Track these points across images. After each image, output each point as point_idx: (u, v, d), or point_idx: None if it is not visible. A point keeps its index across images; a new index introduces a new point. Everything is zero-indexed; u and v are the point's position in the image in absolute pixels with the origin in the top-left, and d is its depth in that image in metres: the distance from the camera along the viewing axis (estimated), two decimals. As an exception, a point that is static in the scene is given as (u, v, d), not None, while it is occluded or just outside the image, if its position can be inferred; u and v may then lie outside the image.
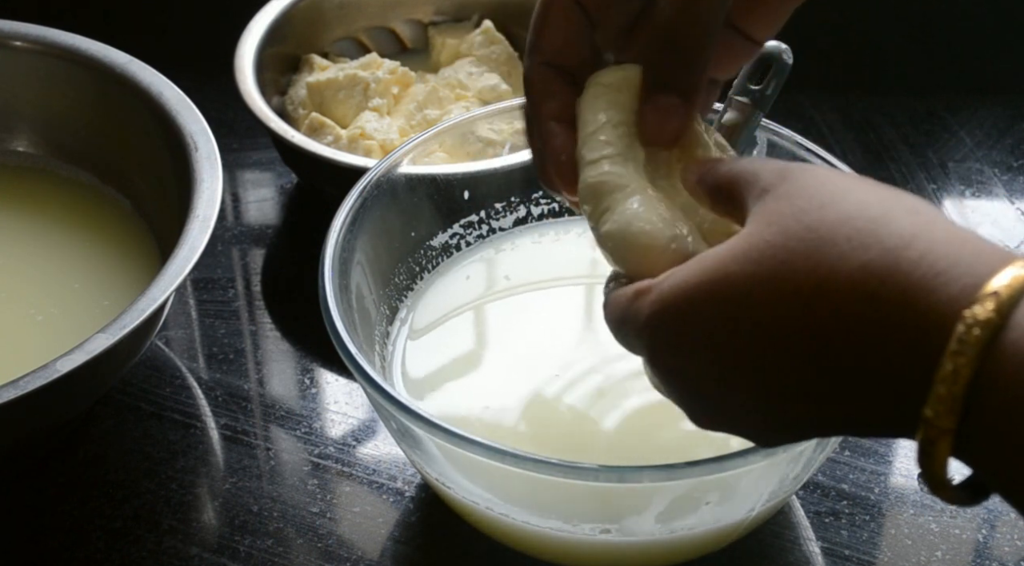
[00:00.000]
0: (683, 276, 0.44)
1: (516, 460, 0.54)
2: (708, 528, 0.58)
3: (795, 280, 0.41)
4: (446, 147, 0.74)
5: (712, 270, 0.43)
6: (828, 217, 0.42)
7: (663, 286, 0.45)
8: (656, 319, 0.45)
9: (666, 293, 0.45)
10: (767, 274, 0.42)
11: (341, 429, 0.73)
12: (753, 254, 0.42)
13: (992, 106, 0.96)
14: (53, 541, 0.68)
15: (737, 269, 0.43)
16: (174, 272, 0.65)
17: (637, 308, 0.46)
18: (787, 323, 0.41)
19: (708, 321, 0.43)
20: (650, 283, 0.46)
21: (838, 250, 0.41)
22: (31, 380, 0.59)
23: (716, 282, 0.43)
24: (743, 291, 0.42)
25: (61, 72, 0.80)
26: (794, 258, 0.42)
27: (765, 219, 0.44)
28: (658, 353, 0.46)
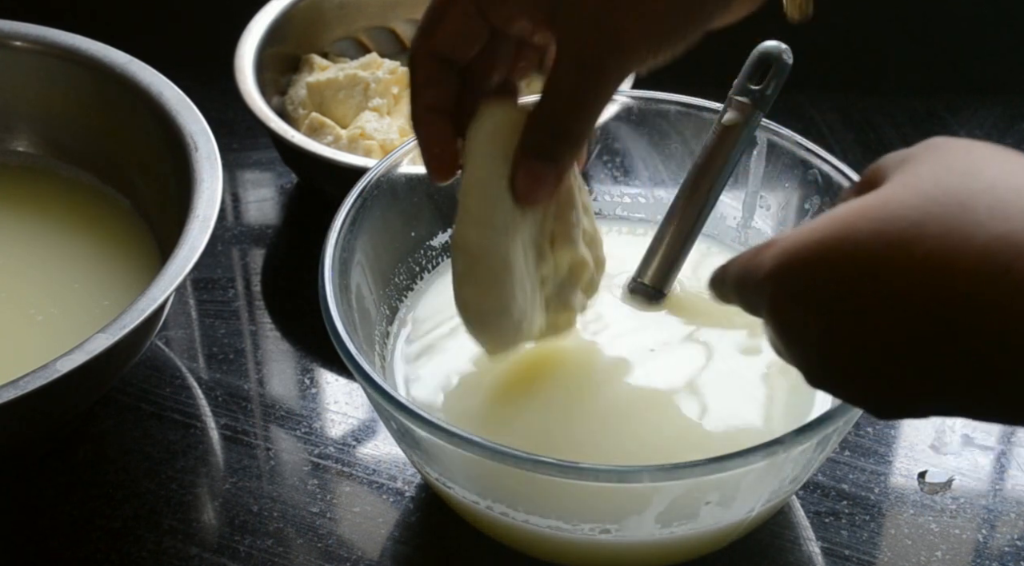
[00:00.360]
0: (810, 228, 0.43)
1: (516, 460, 0.54)
2: (708, 528, 0.58)
3: (925, 244, 0.40)
4: (446, 147, 0.74)
5: (840, 225, 0.42)
6: (969, 184, 0.40)
7: (788, 239, 0.44)
8: (779, 270, 0.43)
9: (790, 246, 0.43)
10: (896, 234, 0.40)
11: (341, 429, 0.73)
12: (884, 212, 0.41)
13: (992, 106, 0.96)
14: (53, 541, 0.68)
15: (864, 225, 0.41)
16: (174, 272, 0.65)
17: (760, 261, 0.45)
18: (913, 289, 0.40)
19: (830, 277, 0.42)
20: (775, 237, 0.45)
21: (975, 217, 0.39)
22: (31, 380, 0.59)
23: (842, 238, 0.41)
24: (869, 249, 0.41)
25: (61, 72, 0.80)
26: (927, 221, 0.40)
27: (902, 180, 0.42)
28: (779, 308, 0.44)
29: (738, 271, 0.47)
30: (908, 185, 0.42)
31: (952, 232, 0.39)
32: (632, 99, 0.73)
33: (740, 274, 0.47)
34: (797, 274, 0.43)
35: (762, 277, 0.44)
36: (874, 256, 0.40)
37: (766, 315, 0.45)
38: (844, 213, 0.42)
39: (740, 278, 0.47)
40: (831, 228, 0.42)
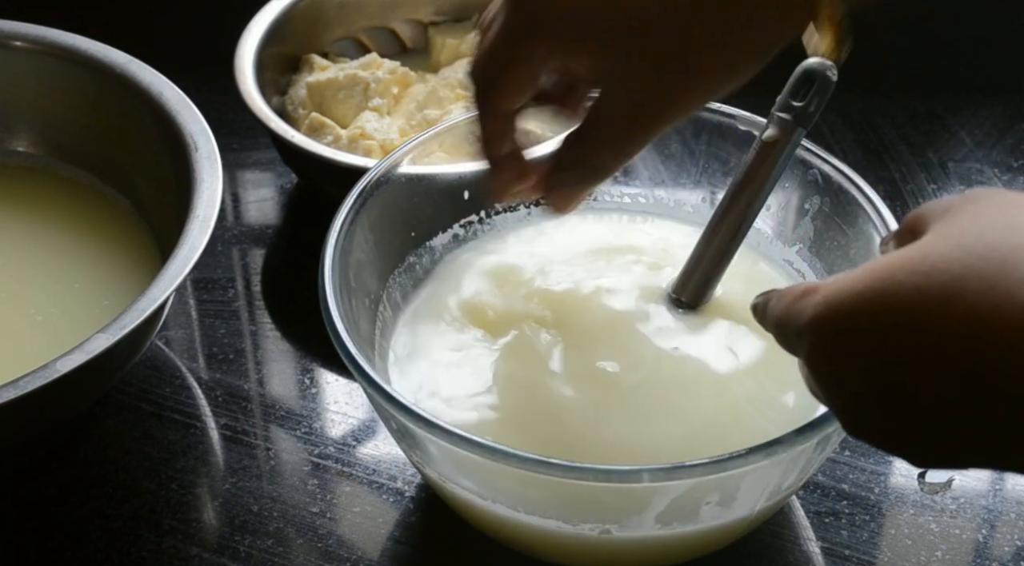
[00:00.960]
0: (851, 279, 0.43)
1: (516, 460, 0.54)
2: (708, 528, 0.58)
3: (967, 300, 0.39)
4: (446, 147, 0.74)
5: (880, 276, 0.42)
6: (1012, 238, 0.40)
7: (830, 288, 0.44)
8: (819, 321, 0.43)
9: (831, 296, 0.43)
10: (937, 289, 0.40)
11: (341, 429, 0.73)
12: (924, 266, 0.41)
13: (992, 106, 0.96)
14: (53, 541, 0.68)
15: (905, 278, 0.41)
16: (174, 272, 0.65)
17: (801, 307, 0.45)
18: (953, 344, 0.39)
19: (871, 330, 0.41)
20: (817, 284, 0.45)
21: (1018, 275, 0.39)
22: (31, 380, 0.59)
23: (883, 291, 0.41)
24: (910, 304, 0.40)
25: (61, 72, 0.80)
26: (968, 275, 0.40)
27: (943, 232, 0.42)
28: (818, 356, 0.44)
29: (779, 315, 0.47)
30: (949, 237, 0.42)
31: (995, 288, 0.39)
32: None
33: (781, 318, 0.47)
34: (837, 326, 0.43)
35: (802, 325, 0.44)
36: (914, 310, 0.40)
37: (805, 363, 0.45)
38: (885, 265, 0.42)
39: (780, 322, 0.47)
40: (872, 280, 0.42)
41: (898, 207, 0.87)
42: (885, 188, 0.88)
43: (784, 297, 0.47)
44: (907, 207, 0.87)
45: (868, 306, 0.42)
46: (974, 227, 0.42)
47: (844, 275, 0.44)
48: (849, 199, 0.66)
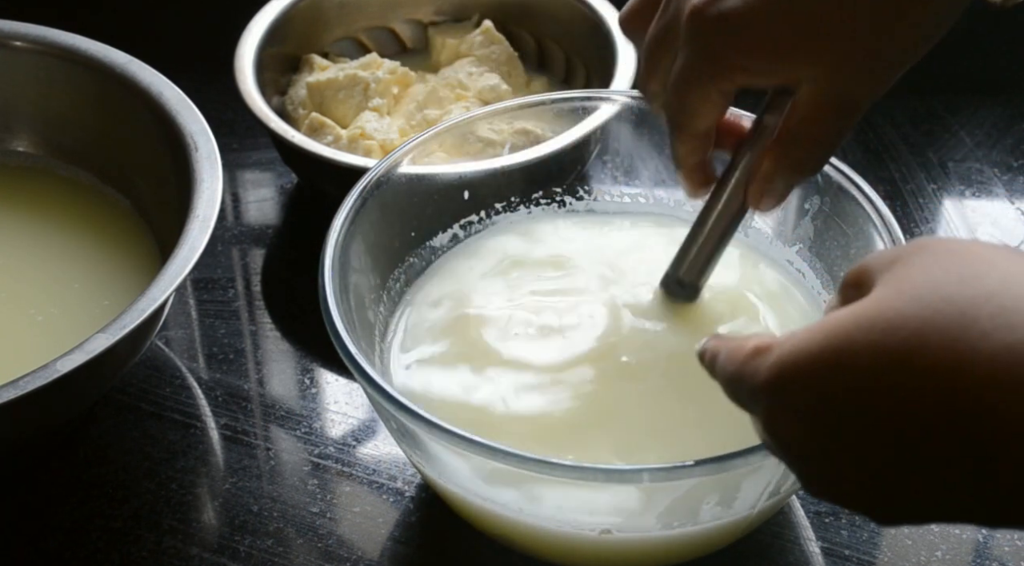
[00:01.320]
0: (805, 338, 0.42)
1: (516, 460, 0.54)
2: (708, 528, 0.58)
3: (929, 356, 0.38)
4: (446, 147, 0.74)
5: (835, 335, 0.41)
6: (969, 291, 0.39)
7: (783, 347, 0.42)
8: (774, 383, 0.42)
9: (786, 356, 0.42)
10: (896, 346, 0.39)
11: (341, 429, 0.73)
12: (881, 322, 0.40)
13: (992, 106, 0.96)
14: (53, 541, 0.68)
15: (862, 337, 0.40)
16: (174, 272, 0.65)
17: (755, 368, 0.44)
18: (917, 402, 0.38)
19: (830, 391, 0.40)
20: (769, 342, 0.44)
21: (979, 327, 0.38)
22: (31, 380, 0.59)
23: (839, 350, 0.40)
24: (869, 362, 0.39)
25: (61, 72, 0.80)
26: (928, 331, 0.39)
27: (895, 286, 0.41)
28: (774, 419, 0.43)
29: (731, 373, 0.46)
30: (903, 292, 0.40)
31: (956, 343, 0.38)
32: (632, 99, 0.73)
33: (733, 377, 0.46)
34: (793, 388, 0.42)
35: (756, 387, 0.43)
36: (874, 369, 0.39)
37: (761, 426, 0.44)
38: (839, 323, 0.41)
39: (732, 380, 0.46)
40: (827, 339, 0.41)
41: (898, 207, 0.87)
42: (885, 188, 0.88)
43: (734, 354, 0.46)
44: (907, 207, 0.87)
45: (824, 366, 0.41)
46: (927, 280, 0.40)
47: (796, 334, 0.43)
48: (849, 199, 0.66)
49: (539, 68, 0.93)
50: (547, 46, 0.93)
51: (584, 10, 0.89)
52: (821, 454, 0.42)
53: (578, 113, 0.74)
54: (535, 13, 0.92)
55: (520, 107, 0.73)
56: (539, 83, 0.91)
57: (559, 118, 0.75)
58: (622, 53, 0.84)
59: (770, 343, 0.44)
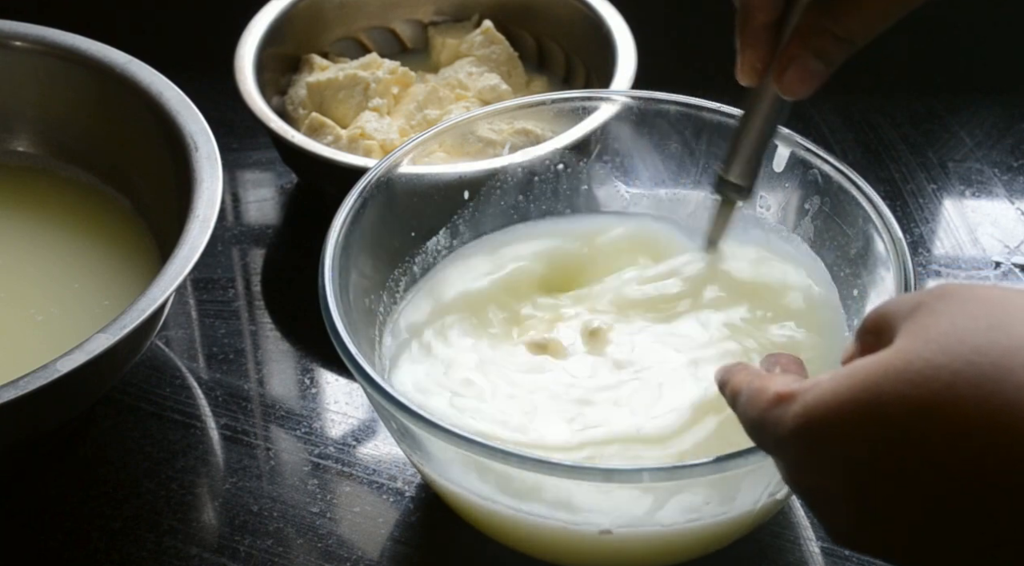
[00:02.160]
0: (831, 388, 0.41)
1: (516, 460, 0.54)
2: (708, 528, 0.58)
3: (961, 409, 0.38)
4: (446, 147, 0.74)
5: (863, 386, 0.40)
6: (1000, 340, 0.38)
7: (807, 396, 0.42)
8: (800, 434, 0.42)
9: (811, 405, 0.41)
10: (927, 399, 0.38)
11: (341, 429, 0.73)
12: (910, 373, 0.39)
13: (992, 106, 0.95)
14: (53, 541, 0.68)
15: (891, 388, 0.39)
16: (174, 272, 0.65)
17: (778, 416, 0.43)
18: (951, 458, 0.38)
19: (857, 443, 0.40)
20: (792, 389, 0.43)
21: (1015, 380, 0.37)
22: (31, 380, 0.59)
23: (868, 402, 0.39)
24: (899, 414, 0.39)
25: (61, 72, 0.80)
26: (959, 383, 0.38)
27: (922, 335, 0.40)
28: (799, 468, 0.43)
29: (754, 419, 0.45)
30: (930, 341, 0.39)
31: (991, 397, 0.37)
32: (632, 99, 0.73)
33: (756, 423, 0.45)
34: (821, 439, 0.41)
35: (782, 437, 0.43)
36: (905, 422, 0.39)
37: (785, 472, 0.44)
38: (865, 374, 0.40)
39: (756, 427, 0.45)
40: (855, 391, 0.40)
41: (898, 207, 0.87)
42: (885, 188, 0.88)
43: (756, 400, 0.45)
44: (907, 207, 0.87)
45: (852, 417, 0.40)
46: (955, 329, 0.39)
47: (820, 382, 0.42)
48: (849, 199, 0.66)
49: (539, 68, 0.93)
50: (547, 46, 0.93)
51: (584, 10, 0.89)
52: (848, 505, 0.41)
53: (578, 113, 0.74)
54: (535, 13, 0.92)
55: (520, 107, 0.73)
56: (539, 83, 0.91)
57: (559, 118, 0.75)
58: (622, 53, 0.84)
59: (794, 390, 0.43)
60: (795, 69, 0.57)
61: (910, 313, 0.42)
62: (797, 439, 0.42)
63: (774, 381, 0.44)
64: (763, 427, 0.44)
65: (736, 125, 0.64)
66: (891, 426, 0.39)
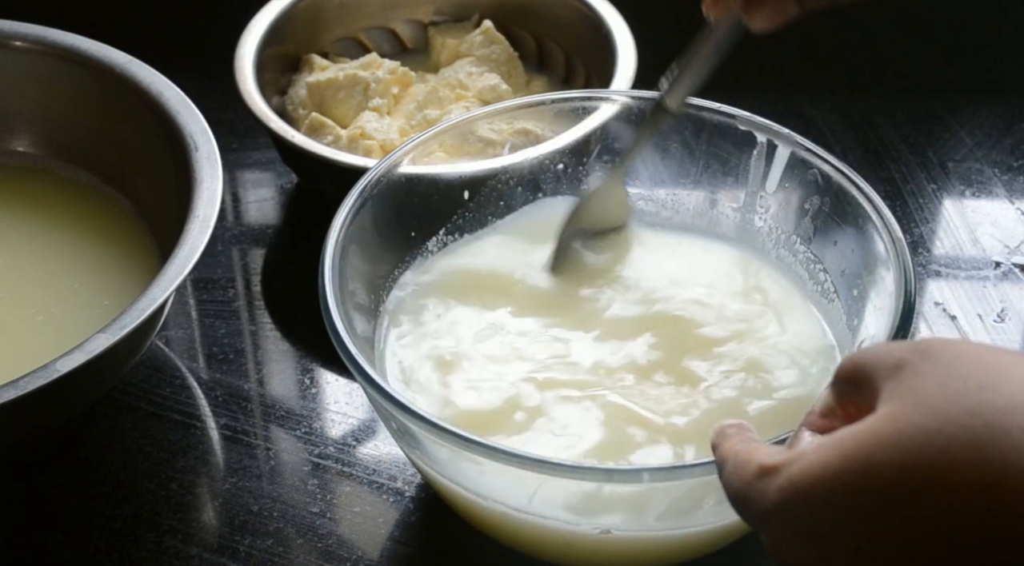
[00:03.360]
0: (818, 459, 0.40)
1: (516, 460, 0.54)
2: (708, 528, 0.58)
3: (959, 474, 0.37)
4: (446, 147, 0.74)
5: (853, 455, 0.39)
6: (993, 401, 0.37)
7: (792, 469, 0.40)
8: (785, 506, 0.40)
9: (796, 478, 0.40)
10: (922, 465, 0.37)
11: (341, 429, 0.73)
12: (903, 440, 0.38)
13: (992, 106, 0.96)
14: (53, 541, 0.68)
15: (884, 457, 0.38)
16: (174, 272, 0.65)
17: (761, 489, 0.42)
18: (950, 524, 0.37)
19: (850, 515, 0.38)
20: (776, 462, 0.42)
21: (1012, 441, 0.36)
22: (31, 380, 0.59)
23: (859, 472, 0.38)
24: (893, 483, 0.38)
25: (61, 72, 0.80)
26: (954, 447, 0.37)
27: (911, 398, 0.39)
28: (785, 542, 0.41)
29: (738, 491, 0.44)
30: (920, 405, 0.38)
31: (989, 460, 0.36)
32: (632, 99, 0.73)
33: (739, 494, 0.44)
34: (809, 510, 0.40)
35: (765, 511, 0.41)
36: (902, 489, 0.37)
37: (772, 548, 0.42)
38: (855, 443, 0.39)
39: (739, 498, 0.44)
40: (844, 461, 0.39)
41: (898, 207, 0.87)
42: (885, 188, 0.88)
43: (740, 472, 0.43)
44: (907, 207, 0.87)
45: (843, 487, 0.39)
46: (944, 391, 0.38)
47: (806, 453, 0.40)
48: (849, 199, 0.66)
49: (539, 68, 0.93)
50: (547, 46, 0.93)
51: (584, 10, 0.89)
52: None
53: (578, 113, 0.74)
54: (535, 13, 0.92)
55: (520, 107, 0.73)
56: (539, 83, 0.91)
57: (559, 118, 0.75)
58: (622, 53, 0.84)
59: (778, 462, 0.42)
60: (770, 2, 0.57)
61: (893, 372, 0.40)
62: (784, 511, 0.41)
63: (759, 451, 0.43)
64: (747, 500, 0.43)
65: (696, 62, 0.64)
66: (887, 494, 0.38)
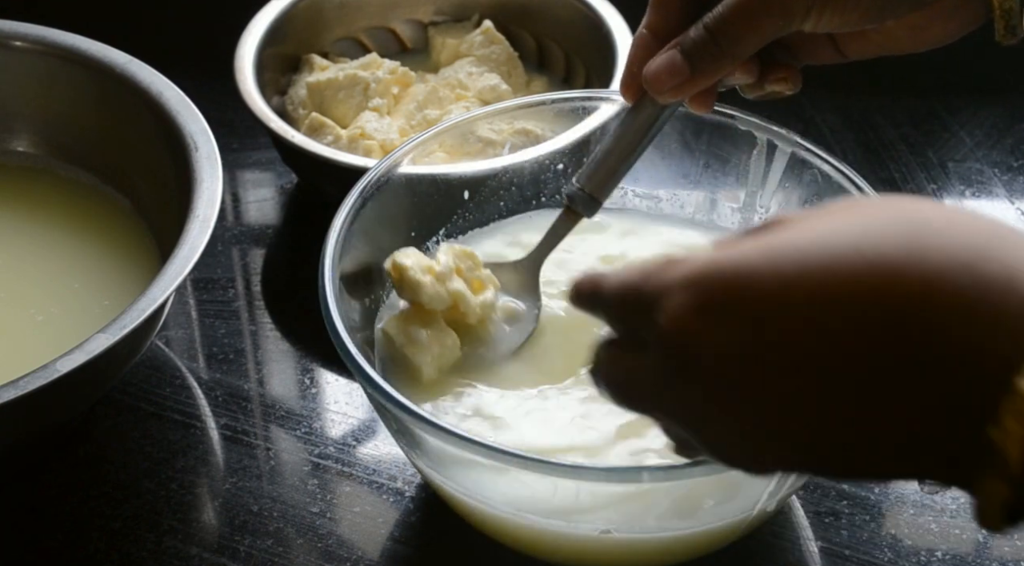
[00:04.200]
0: (727, 253, 0.38)
1: (516, 460, 0.54)
2: (708, 528, 0.58)
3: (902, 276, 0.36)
4: (446, 147, 0.74)
5: (763, 249, 0.38)
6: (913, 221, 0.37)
7: (698, 259, 0.39)
8: (695, 280, 0.38)
9: (718, 259, 0.38)
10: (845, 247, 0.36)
11: (341, 429, 0.73)
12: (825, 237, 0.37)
13: (992, 106, 0.96)
14: (53, 541, 0.68)
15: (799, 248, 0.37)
16: (174, 272, 0.65)
17: (665, 273, 0.40)
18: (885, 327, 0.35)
19: (776, 300, 0.37)
20: (671, 259, 0.40)
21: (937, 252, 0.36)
22: (31, 380, 0.59)
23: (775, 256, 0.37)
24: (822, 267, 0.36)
25: (61, 72, 0.80)
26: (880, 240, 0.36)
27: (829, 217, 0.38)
28: (687, 314, 0.38)
29: (631, 279, 0.42)
30: (835, 219, 0.38)
31: (913, 251, 0.36)
32: (632, 99, 0.73)
33: (633, 282, 0.41)
34: (719, 286, 0.38)
35: (669, 284, 0.39)
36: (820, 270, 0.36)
37: (663, 327, 0.39)
38: (764, 242, 0.38)
39: (631, 286, 0.41)
40: (751, 252, 0.38)
41: (898, 207, 0.87)
42: (885, 188, 0.88)
43: (631, 270, 0.42)
44: (907, 207, 0.87)
45: (758, 268, 0.37)
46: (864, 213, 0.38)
47: (699, 253, 0.40)
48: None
49: (539, 68, 0.93)
50: (547, 46, 0.93)
51: (584, 10, 0.89)
52: (746, 376, 0.37)
53: (578, 113, 0.74)
54: (535, 13, 0.92)
55: (520, 107, 0.73)
56: (539, 83, 0.91)
57: (559, 118, 0.75)
58: (622, 53, 0.84)
59: (674, 258, 0.40)
60: (660, 59, 0.58)
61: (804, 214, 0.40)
62: (691, 284, 0.38)
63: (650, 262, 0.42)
64: (644, 283, 0.41)
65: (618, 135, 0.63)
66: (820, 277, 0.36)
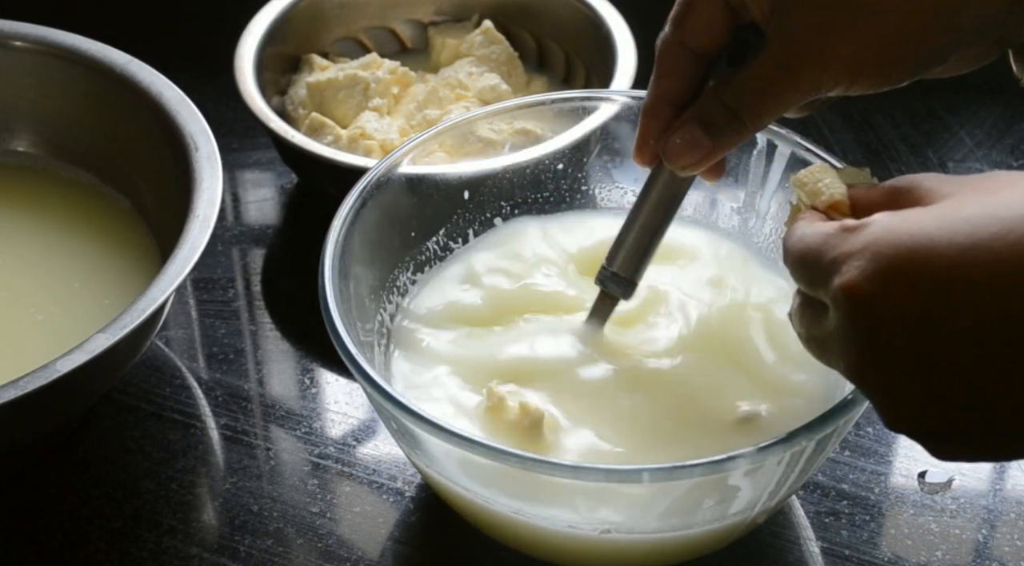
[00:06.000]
0: (911, 217, 0.40)
1: (516, 460, 0.54)
2: (708, 528, 0.58)
3: None
4: (446, 147, 0.74)
5: (951, 225, 0.39)
6: None
7: (881, 223, 0.41)
8: (875, 249, 0.40)
9: (894, 228, 0.40)
10: None
11: (341, 429, 0.74)
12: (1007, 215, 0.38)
13: (992, 106, 0.96)
14: (53, 541, 0.68)
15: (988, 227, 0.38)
16: (174, 272, 0.65)
17: (844, 237, 0.42)
18: None
19: (954, 268, 0.38)
20: (860, 221, 0.42)
21: None
22: (31, 380, 0.59)
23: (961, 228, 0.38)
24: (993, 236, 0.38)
25: (61, 72, 0.80)
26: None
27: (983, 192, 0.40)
28: (866, 283, 0.40)
29: (812, 244, 0.44)
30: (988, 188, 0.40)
31: None
32: (632, 99, 0.73)
33: (814, 246, 0.44)
34: (900, 254, 0.40)
35: (847, 250, 0.41)
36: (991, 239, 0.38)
37: (843, 291, 0.41)
38: (934, 212, 0.40)
39: (812, 250, 0.44)
40: (926, 221, 0.40)
41: (898, 207, 0.87)
42: (885, 188, 0.88)
43: (817, 226, 0.44)
44: (907, 207, 0.87)
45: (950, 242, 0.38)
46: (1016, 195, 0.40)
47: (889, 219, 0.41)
48: (849, 199, 0.66)
49: (539, 68, 0.93)
50: (547, 46, 0.93)
51: (584, 10, 0.89)
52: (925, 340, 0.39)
53: (578, 113, 0.74)
54: (535, 13, 0.92)
55: (520, 107, 0.73)
56: (539, 83, 0.91)
57: (559, 118, 0.75)
58: (622, 53, 0.84)
59: (864, 221, 0.42)
60: (680, 134, 0.56)
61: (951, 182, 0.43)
62: (877, 250, 0.40)
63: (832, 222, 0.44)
64: (824, 247, 0.43)
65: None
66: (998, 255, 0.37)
